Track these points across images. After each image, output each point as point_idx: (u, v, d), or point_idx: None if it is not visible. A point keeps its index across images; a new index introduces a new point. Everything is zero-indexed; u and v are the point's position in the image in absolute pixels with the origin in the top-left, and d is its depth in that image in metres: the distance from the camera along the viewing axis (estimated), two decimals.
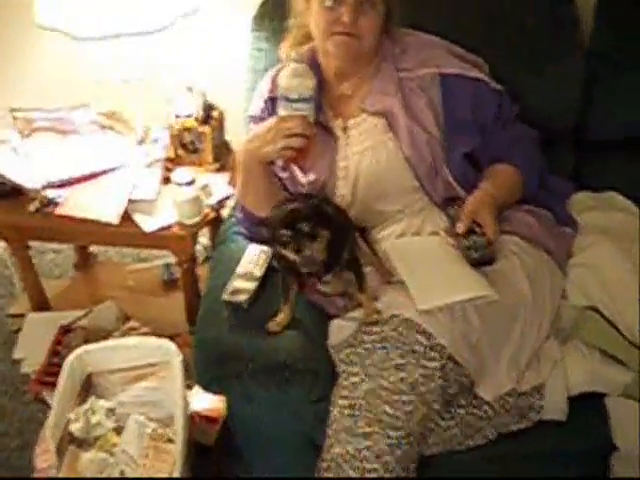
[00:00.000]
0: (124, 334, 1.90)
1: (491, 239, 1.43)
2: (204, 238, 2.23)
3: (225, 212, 1.91)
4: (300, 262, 1.33)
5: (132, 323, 1.97)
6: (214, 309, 1.52)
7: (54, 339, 1.97)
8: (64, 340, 1.95)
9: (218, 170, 1.97)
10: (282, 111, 1.41)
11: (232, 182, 1.90)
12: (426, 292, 1.38)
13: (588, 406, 1.44)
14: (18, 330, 2.16)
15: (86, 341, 1.82)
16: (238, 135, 1.87)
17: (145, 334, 1.89)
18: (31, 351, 2.02)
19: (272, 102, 1.58)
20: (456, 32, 1.62)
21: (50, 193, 1.82)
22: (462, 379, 1.37)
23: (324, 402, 1.41)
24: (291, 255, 1.33)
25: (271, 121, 1.44)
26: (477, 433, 1.44)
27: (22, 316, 2.16)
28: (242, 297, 1.49)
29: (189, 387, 1.69)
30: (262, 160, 1.48)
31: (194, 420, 1.73)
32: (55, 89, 2.07)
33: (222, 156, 1.99)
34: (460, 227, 1.45)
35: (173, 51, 2.01)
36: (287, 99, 1.39)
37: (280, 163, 1.58)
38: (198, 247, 2.06)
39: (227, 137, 2.05)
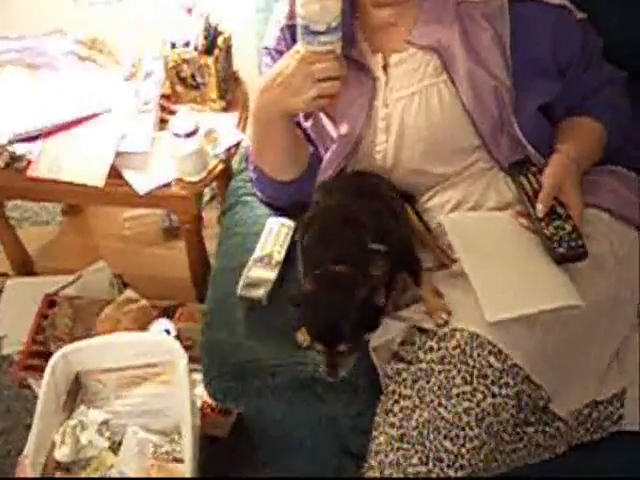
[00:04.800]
0: (120, 307, 1.65)
1: (577, 224, 1.16)
2: None
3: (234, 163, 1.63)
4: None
5: (128, 293, 1.72)
6: (226, 302, 1.29)
7: (38, 312, 1.73)
8: (49, 314, 1.71)
9: (225, 109, 1.67)
10: (306, 46, 1.13)
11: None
12: (498, 298, 1.11)
13: None
14: None
15: (74, 318, 1.62)
16: (247, 65, 1.65)
17: (144, 308, 1.65)
18: (12, 327, 1.80)
19: (290, 30, 1.30)
20: None
21: (18, 148, 1.52)
22: (537, 402, 1.14)
23: (364, 416, 1.20)
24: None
25: (292, 62, 1.16)
26: (545, 451, 1.22)
27: (3, 275, 1.93)
28: (260, 291, 1.26)
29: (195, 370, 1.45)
30: (288, 113, 1.23)
31: (205, 412, 1.53)
32: (23, 12, 1.77)
33: (229, 92, 1.68)
34: (540, 210, 1.17)
35: None
36: (310, 31, 1.11)
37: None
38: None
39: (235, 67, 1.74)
